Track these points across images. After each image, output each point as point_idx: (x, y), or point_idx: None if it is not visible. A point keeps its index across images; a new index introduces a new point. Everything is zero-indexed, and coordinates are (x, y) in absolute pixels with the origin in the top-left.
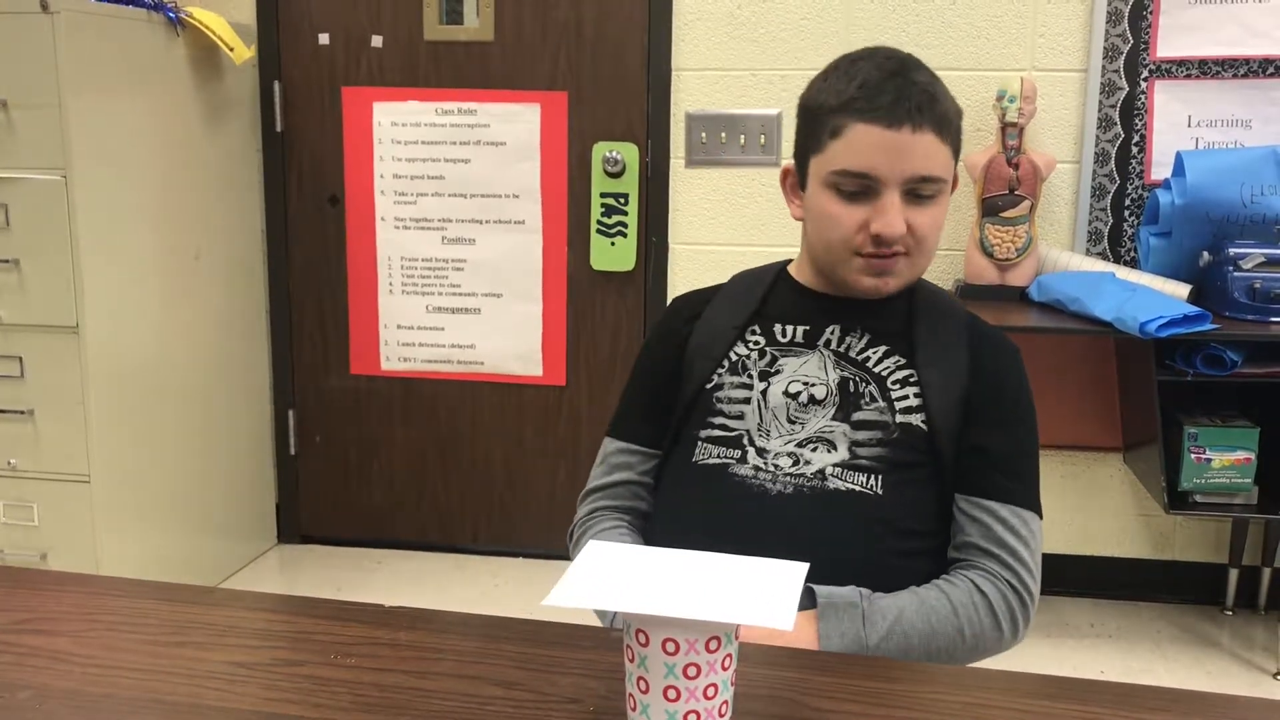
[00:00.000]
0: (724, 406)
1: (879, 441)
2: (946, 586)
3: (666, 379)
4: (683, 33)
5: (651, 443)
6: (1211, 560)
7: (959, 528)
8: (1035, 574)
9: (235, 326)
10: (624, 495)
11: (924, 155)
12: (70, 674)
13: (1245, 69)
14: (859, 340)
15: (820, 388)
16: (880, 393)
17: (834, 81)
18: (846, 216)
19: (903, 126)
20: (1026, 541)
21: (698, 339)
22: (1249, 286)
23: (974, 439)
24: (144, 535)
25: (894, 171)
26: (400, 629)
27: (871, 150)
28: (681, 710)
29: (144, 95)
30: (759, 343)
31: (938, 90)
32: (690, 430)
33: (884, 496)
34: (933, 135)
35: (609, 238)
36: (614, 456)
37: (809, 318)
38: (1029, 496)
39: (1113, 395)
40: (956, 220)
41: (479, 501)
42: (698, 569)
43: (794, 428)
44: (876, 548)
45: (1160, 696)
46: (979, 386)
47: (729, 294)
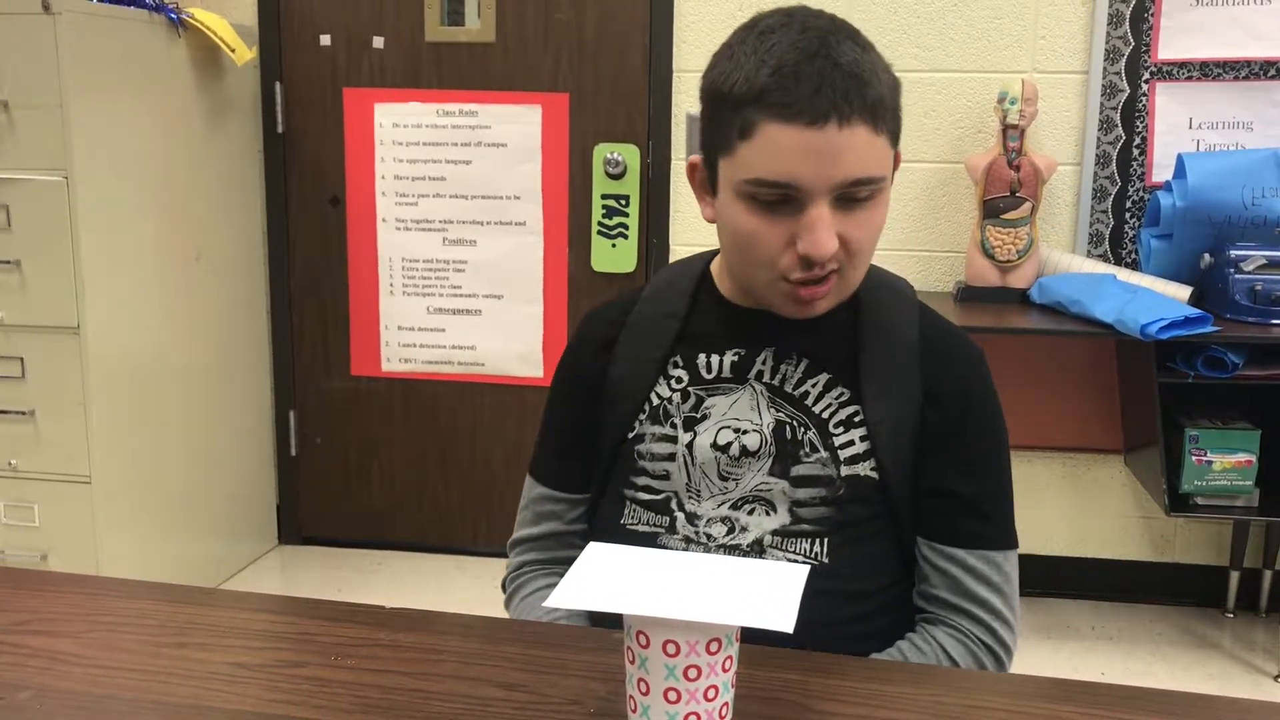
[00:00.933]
0: (648, 464)
1: (822, 499)
2: (911, 654)
3: (583, 418)
4: (684, 34)
5: (575, 488)
6: (1212, 563)
7: (924, 575)
8: (1012, 619)
9: (236, 327)
10: (554, 546)
11: (856, 155)
12: (71, 675)
13: (1246, 71)
14: (795, 369)
15: (753, 435)
16: (821, 440)
17: (742, 60)
18: (766, 234)
19: (828, 123)
20: (999, 588)
21: (615, 374)
22: (1250, 289)
23: (934, 479)
24: (145, 536)
25: (820, 179)
26: (401, 630)
27: (791, 155)
28: (682, 712)
29: (145, 96)
30: (682, 380)
31: (866, 67)
32: (615, 485)
33: (830, 564)
34: (865, 128)
35: (610, 239)
36: (538, 504)
37: (737, 340)
38: (1000, 534)
39: (1114, 397)
40: (957, 222)
41: (480, 502)
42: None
43: (726, 484)
44: (824, 619)
45: (1161, 699)
46: (936, 417)
47: (645, 314)
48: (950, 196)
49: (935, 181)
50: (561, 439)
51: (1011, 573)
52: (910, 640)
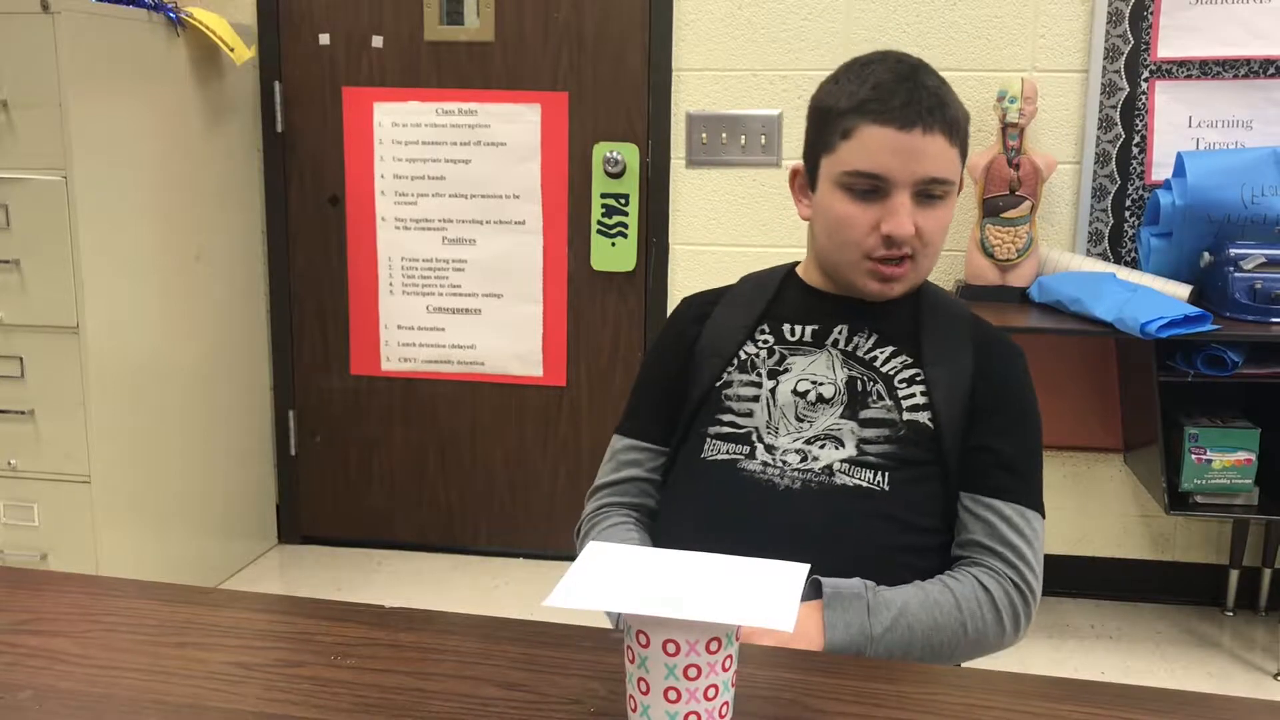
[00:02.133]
0: (733, 404)
1: (886, 439)
2: (951, 582)
3: (675, 378)
4: (683, 33)
5: (660, 440)
6: (1212, 561)
7: (963, 525)
8: (1038, 573)
9: (235, 327)
10: (632, 492)
11: (934, 157)
12: (70, 674)
13: (1246, 69)
14: (866, 340)
15: (828, 386)
16: (887, 391)
17: (846, 84)
18: (858, 217)
19: (914, 128)
20: (1030, 540)
21: (707, 338)
22: (1250, 287)
23: (979, 438)
24: (144, 535)
25: (905, 173)
26: (400, 630)
27: (883, 151)
28: (682, 711)
29: (144, 95)
30: (768, 341)
31: (947, 94)
32: (699, 427)
33: (890, 492)
34: (943, 138)
35: (609, 238)
36: (622, 454)
37: (817, 318)
38: (1032, 496)
39: (1113, 396)
40: (957, 221)
41: (479, 502)
42: (698, 570)
43: (802, 425)
44: (882, 542)
45: (1161, 698)
46: (984, 387)
47: (738, 295)
48: None
49: None
50: (651, 395)
51: (1040, 533)
52: (949, 573)
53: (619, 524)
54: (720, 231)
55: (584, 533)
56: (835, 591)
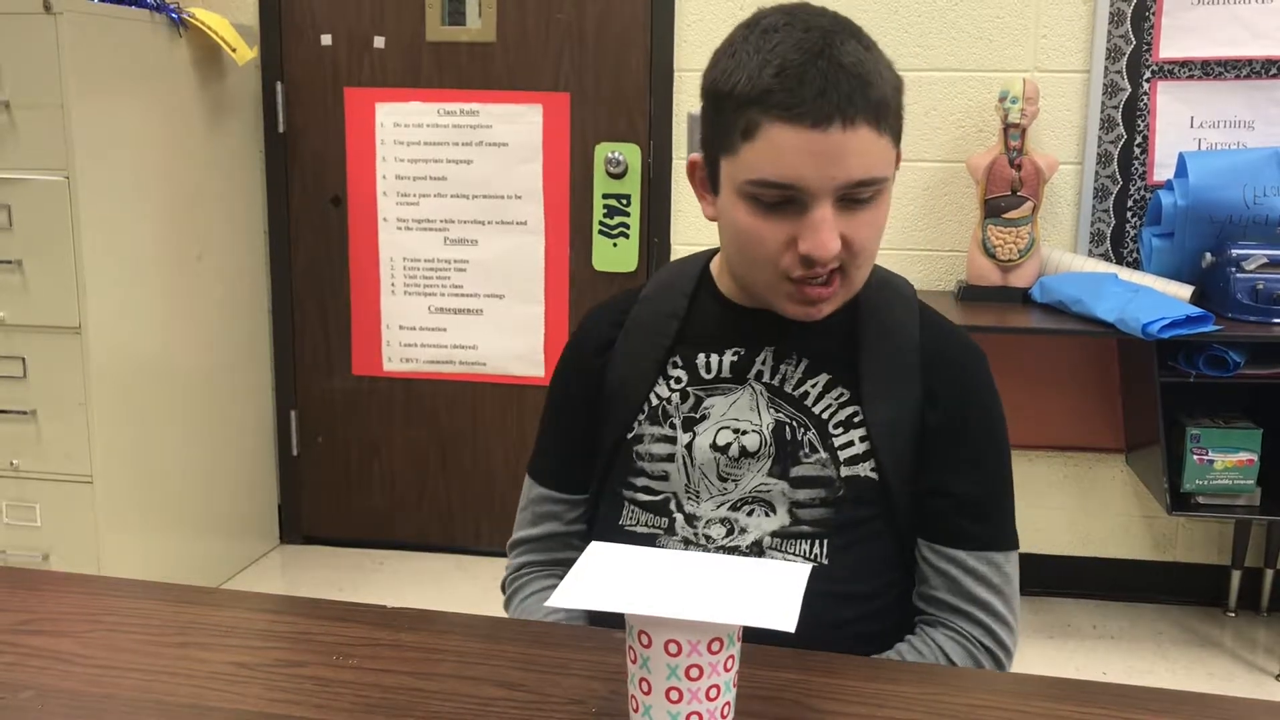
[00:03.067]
0: (646, 465)
1: (822, 501)
2: (911, 657)
3: (582, 419)
4: (685, 33)
5: (576, 488)
6: (1214, 562)
7: (924, 577)
8: (1011, 620)
9: (237, 327)
10: (553, 547)
11: (859, 156)
12: (72, 674)
13: (1248, 70)
14: (795, 369)
15: (753, 436)
16: (821, 440)
17: (744, 58)
18: (768, 233)
19: (831, 125)
20: (999, 589)
21: (614, 375)
22: (1251, 288)
23: (934, 479)
24: (146, 536)
25: (824, 180)
26: (402, 629)
27: (795, 156)
28: (684, 711)
29: (146, 96)
30: (681, 380)
31: (869, 67)
32: (613, 485)
33: (830, 566)
34: (868, 129)
35: (611, 238)
36: (538, 504)
37: (736, 339)
38: (1001, 536)
39: (1115, 396)
40: (959, 221)
41: (481, 502)
42: (700, 570)
43: (726, 485)
44: (824, 621)
45: (1162, 698)
46: (937, 416)
47: (645, 313)
48: (951, 196)
49: (936, 181)
50: (560, 439)
51: (1012, 573)
52: (909, 643)
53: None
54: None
55: (509, 595)
56: None
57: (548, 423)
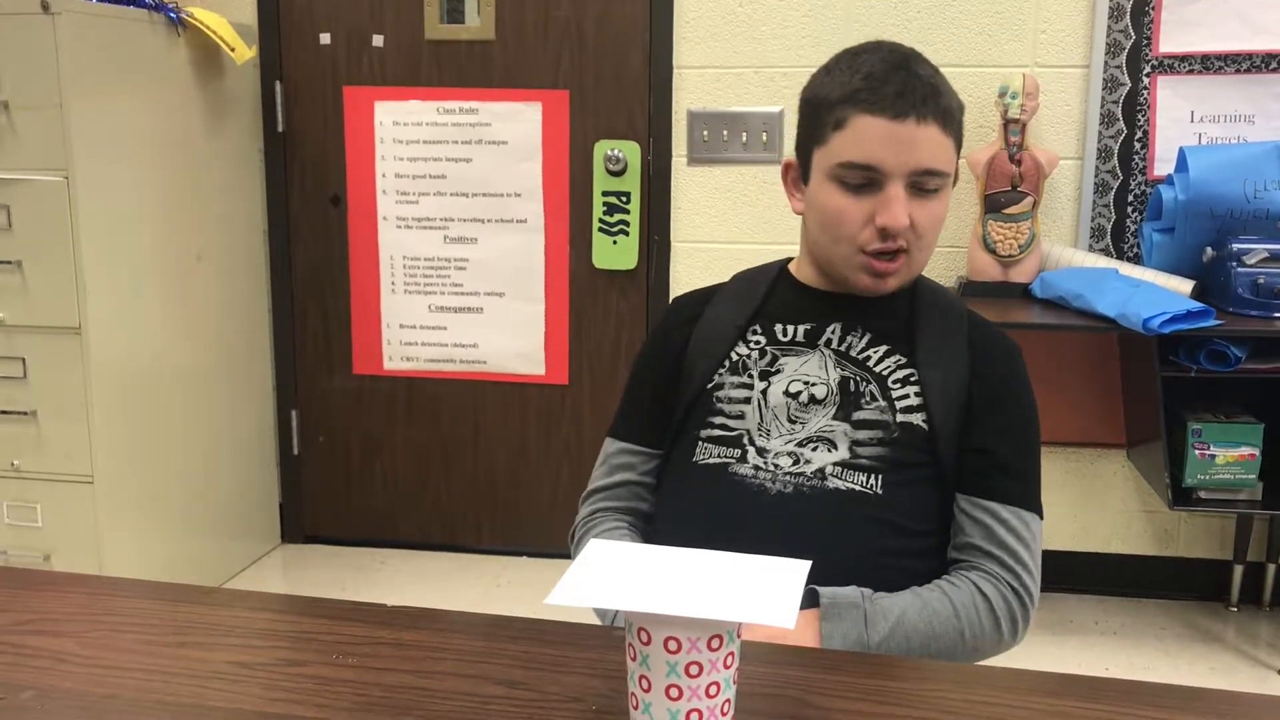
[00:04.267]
0: (724, 406)
1: (879, 441)
2: (948, 588)
3: (666, 380)
4: (684, 30)
5: (652, 443)
6: (1216, 557)
7: (959, 528)
8: (1036, 576)
9: (238, 327)
10: (625, 496)
11: (928, 148)
12: (73, 674)
13: (1248, 64)
14: (860, 339)
15: (821, 387)
16: (881, 392)
17: (837, 74)
18: (851, 209)
19: (907, 118)
20: (1027, 543)
21: (698, 339)
22: (1252, 282)
23: (976, 440)
24: (147, 536)
25: (898, 163)
26: (403, 628)
27: (876, 142)
28: (684, 709)
29: (145, 96)
30: (760, 342)
31: (941, 84)
32: (691, 430)
33: (884, 496)
34: (937, 128)
35: (611, 236)
36: (615, 457)
37: (810, 316)
38: (1030, 498)
39: (1116, 392)
40: (959, 217)
41: (482, 501)
42: (700, 567)
43: (794, 427)
44: (875, 547)
45: (1164, 693)
46: (980, 387)
47: (729, 293)
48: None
49: None
50: (642, 398)
51: (1037, 535)
52: (946, 579)
53: (613, 529)
54: (722, 229)
55: (578, 538)
56: (832, 601)
57: (631, 387)
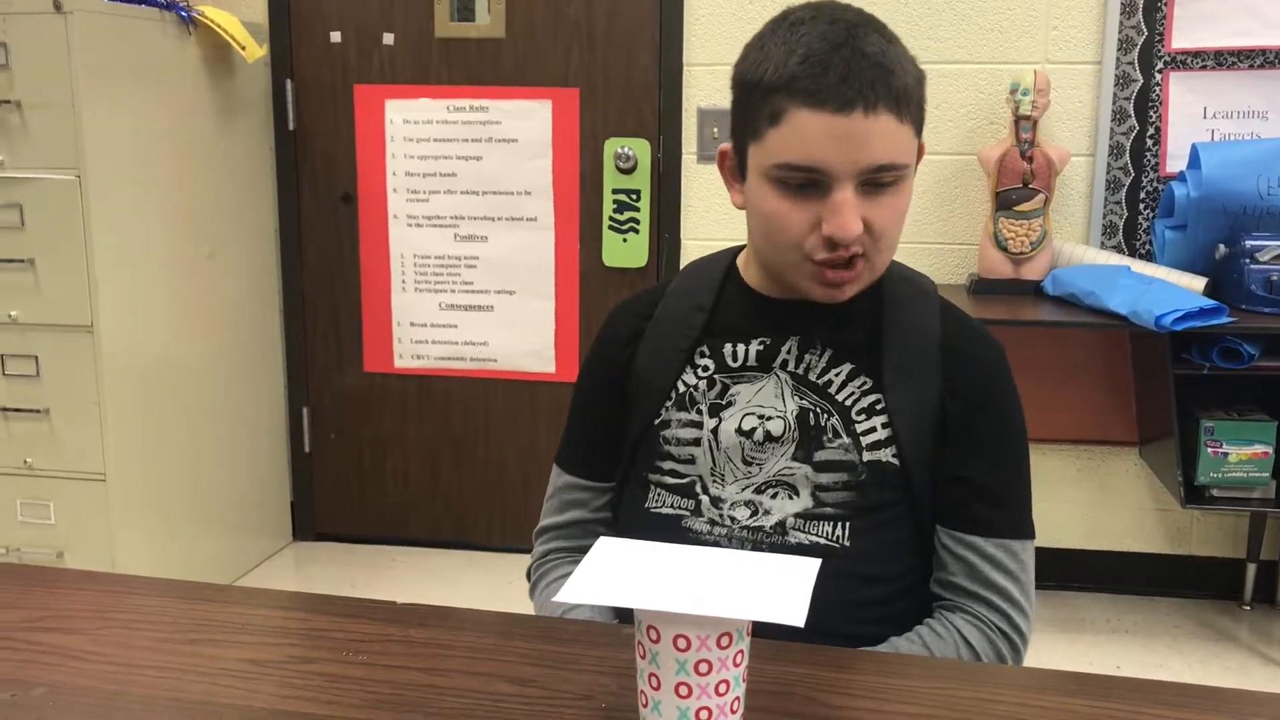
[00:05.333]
0: (673, 449)
1: (845, 484)
2: (930, 639)
3: (611, 408)
4: (694, 28)
5: (601, 477)
6: (1229, 555)
7: (942, 563)
8: (1027, 607)
9: (249, 325)
10: (578, 534)
11: (880, 141)
12: (85, 671)
13: (1261, 60)
14: (819, 359)
15: (777, 422)
16: (844, 426)
17: (772, 50)
18: (793, 216)
19: (854, 110)
20: (1016, 576)
21: (641, 364)
22: (1266, 279)
23: (953, 467)
24: (159, 533)
25: (846, 163)
26: (413, 626)
27: (818, 140)
28: (693, 707)
29: (157, 94)
30: (708, 369)
31: (892, 58)
32: (640, 471)
33: (851, 547)
34: (889, 116)
35: (621, 234)
36: (565, 492)
37: (762, 330)
38: (1017, 523)
39: (1128, 389)
40: (970, 214)
41: (493, 498)
42: (709, 565)
43: (750, 469)
44: (846, 601)
45: (1178, 692)
46: (956, 404)
47: (673, 305)
48: (962, 188)
49: (947, 173)
50: (588, 429)
51: (1028, 562)
52: (929, 626)
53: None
54: (732, 227)
55: (534, 581)
56: None
57: (575, 413)
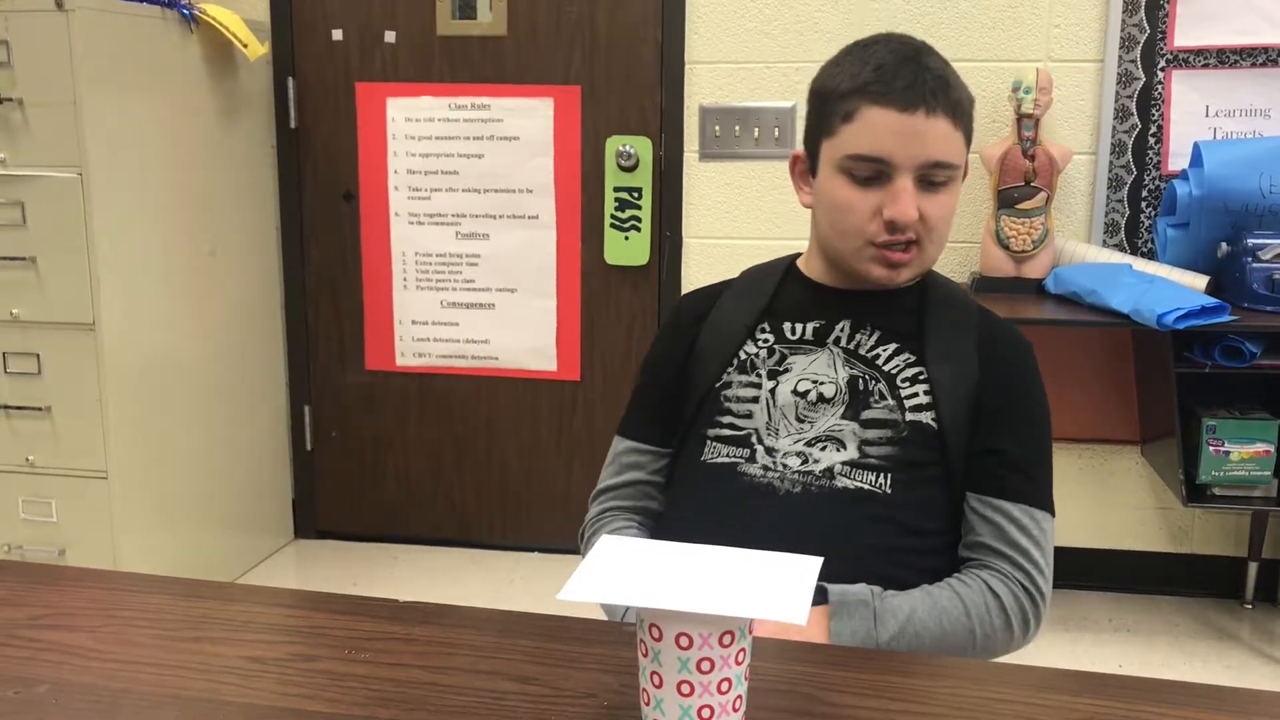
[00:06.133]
0: (732, 405)
1: (888, 440)
2: (959, 586)
3: (675, 379)
4: (696, 25)
5: (661, 442)
6: (1230, 554)
7: (970, 527)
8: (1047, 574)
9: (251, 323)
10: (634, 495)
11: (938, 140)
12: (87, 669)
13: (1264, 58)
14: (869, 337)
15: (829, 386)
16: (890, 391)
17: (847, 66)
18: (859, 202)
19: (917, 110)
20: (1039, 542)
21: (706, 338)
22: (1268, 278)
23: (986, 439)
24: (161, 531)
25: (907, 156)
26: (415, 624)
27: (885, 134)
28: (695, 705)
29: (159, 92)
30: (768, 341)
31: (951, 77)
32: (699, 429)
33: (892, 495)
34: (946, 121)
35: (623, 232)
36: (624, 456)
37: (819, 313)
38: (1041, 496)
39: (1130, 388)
40: (972, 212)
41: (494, 496)
42: (711, 563)
43: (803, 426)
44: (885, 545)
45: (1179, 691)
46: (990, 386)
47: (737, 291)
48: (965, 186)
49: None
50: (651, 397)
51: (1049, 533)
52: (957, 577)
53: (622, 528)
54: (734, 225)
55: (588, 537)
56: (841, 599)
57: (639, 387)
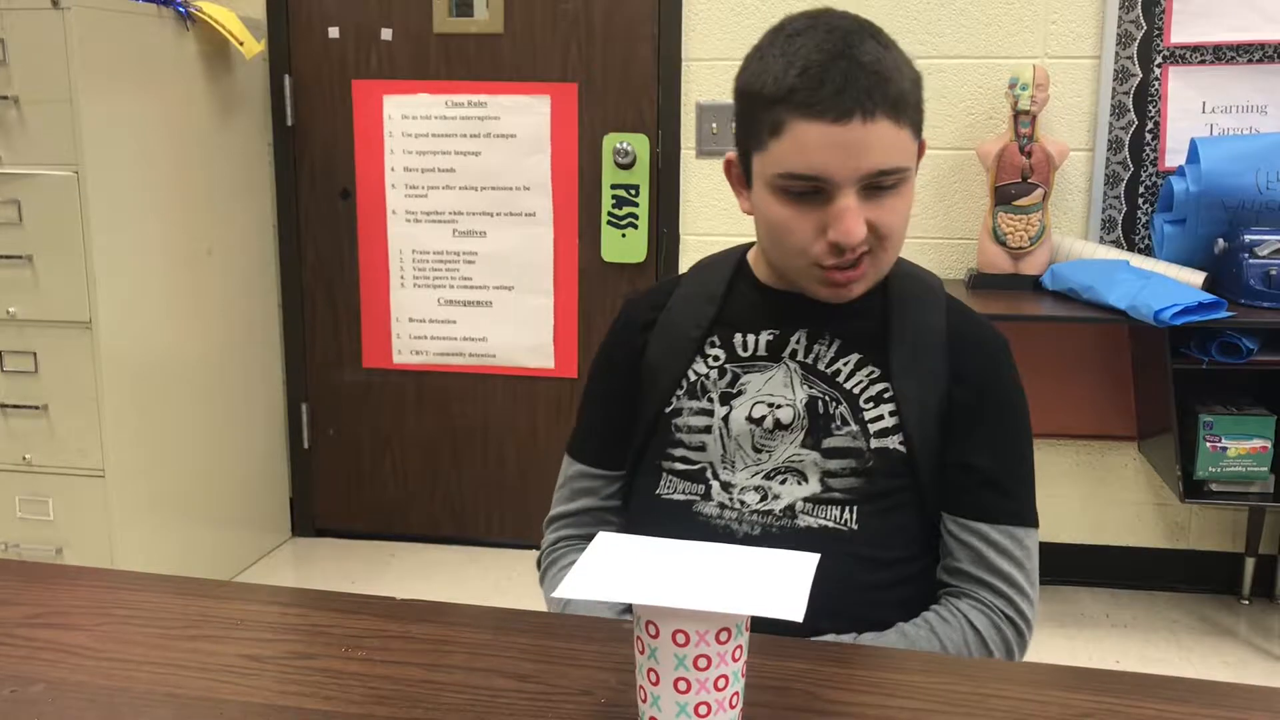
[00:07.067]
0: (684, 436)
1: (852, 471)
2: (938, 624)
3: (623, 397)
4: (693, 22)
5: (613, 465)
6: (1227, 549)
7: (948, 550)
8: (1031, 595)
9: (248, 320)
10: (588, 522)
11: (880, 147)
12: (84, 667)
13: (1260, 54)
14: (828, 349)
15: (786, 410)
16: (852, 414)
17: (771, 61)
18: (798, 223)
19: (851, 119)
20: (1021, 563)
21: (654, 352)
22: (1264, 273)
23: (958, 455)
24: (158, 529)
25: (846, 171)
26: (413, 621)
27: (819, 150)
28: (692, 702)
29: (155, 90)
30: (719, 358)
31: (888, 64)
32: (651, 458)
33: (858, 531)
34: (887, 121)
35: (620, 229)
36: (575, 481)
37: (772, 322)
38: (1021, 511)
39: (1127, 384)
40: (969, 209)
41: (492, 494)
42: (708, 560)
43: (760, 457)
44: (854, 583)
45: (1176, 686)
46: (962, 394)
47: (685, 296)
48: (962, 183)
49: (946, 168)
50: (599, 417)
51: (1032, 549)
52: (935, 612)
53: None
54: (730, 222)
55: (544, 568)
56: None
57: (587, 402)
